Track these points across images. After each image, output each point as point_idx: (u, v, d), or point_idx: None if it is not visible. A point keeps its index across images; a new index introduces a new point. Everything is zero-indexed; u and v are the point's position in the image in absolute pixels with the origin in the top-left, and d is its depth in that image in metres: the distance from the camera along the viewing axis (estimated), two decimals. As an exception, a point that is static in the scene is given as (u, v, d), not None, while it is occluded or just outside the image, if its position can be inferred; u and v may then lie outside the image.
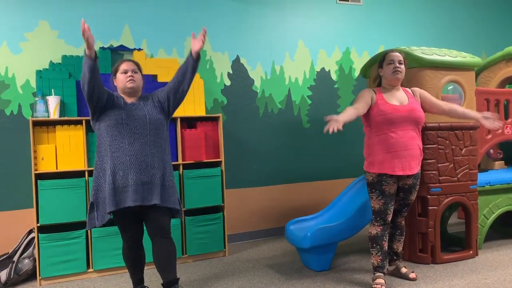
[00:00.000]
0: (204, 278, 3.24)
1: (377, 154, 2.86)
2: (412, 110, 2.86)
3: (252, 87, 4.41)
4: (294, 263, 3.54)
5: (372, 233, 2.93)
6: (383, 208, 2.88)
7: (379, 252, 2.91)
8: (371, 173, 2.90)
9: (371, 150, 2.92)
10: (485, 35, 5.66)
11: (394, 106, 2.86)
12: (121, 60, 2.69)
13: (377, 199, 2.89)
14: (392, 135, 2.82)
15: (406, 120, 2.83)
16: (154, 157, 2.54)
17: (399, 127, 2.82)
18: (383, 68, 2.94)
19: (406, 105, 2.88)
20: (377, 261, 2.92)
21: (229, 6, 4.31)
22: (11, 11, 3.56)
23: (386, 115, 2.83)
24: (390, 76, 2.90)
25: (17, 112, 3.56)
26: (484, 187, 3.61)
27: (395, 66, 2.87)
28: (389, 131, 2.83)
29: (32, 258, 3.32)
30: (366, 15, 4.96)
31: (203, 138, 3.74)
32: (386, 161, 2.83)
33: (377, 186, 2.88)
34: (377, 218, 2.92)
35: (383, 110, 2.84)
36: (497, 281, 2.94)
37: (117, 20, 3.89)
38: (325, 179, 4.72)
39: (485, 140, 3.74)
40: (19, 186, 3.55)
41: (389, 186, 2.86)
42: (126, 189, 2.46)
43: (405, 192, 2.95)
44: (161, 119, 2.62)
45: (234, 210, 4.29)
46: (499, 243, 3.87)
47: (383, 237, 2.92)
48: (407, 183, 2.91)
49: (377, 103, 2.89)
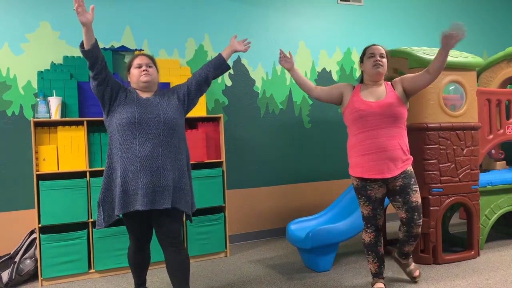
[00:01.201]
0: (205, 279, 3.24)
1: (354, 156, 2.70)
2: (386, 106, 2.62)
3: (253, 87, 4.41)
4: (296, 264, 3.54)
5: (366, 240, 2.80)
6: (372, 214, 2.75)
7: (375, 259, 2.80)
8: (354, 178, 2.74)
9: (349, 153, 2.76)
10: (487, 35, 5.65)
11: (367, 103, 2.65)
12: (134, 55, 2.56)
13: (365, 205, 2.74)
14: (366, 135, 2.62)
15: (380, 117, 2.60)
16: (167, 159, 2.38)
17: (373, 125, 2.61)
18: (364, 62, 2.75)
19: (381, 100, 2.65)
20: (375, 268, 2.83)
21: (230, 7, 4.31)
22: (12, 12, 3.56)
23: (358, 112, 2.64)
24: (371, 70, 2.68)
25: (18, 113, 3.57)
26: (485, 188, 3.60)
27: (375, 59, 2.67)
28: (362, 130, 2.64)
29: (33, 258, 3.33)
30: (367, 16, 4.96)
31: (204, 139, 3.74)
32: (362, 164, 2.65)
33: (362, 191, 2.71)
34: (368, 225, 2.78)
35: (356, 107, 2.66)
36: (499, 282, 2.93)
37: (118, 21, 3.89)
38: (326, 180, 4.72)
39: (487, 140, 3.74)
40: (21, 187, 3.56)
41: (374, 191, 2.68)
42: (135, 191, 2.33)
43: (401, 194, 2.68)
44: (177, 118, 2.45)
45: (235, 210, 4.29)
46: (501, 243, 3.86)
47: (377, 243, 2.79)
48: (396, 184, 2.67)
49: (351, 100, 2.71)
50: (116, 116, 2.38)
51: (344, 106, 2.76)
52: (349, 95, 2.75)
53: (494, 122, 3.74)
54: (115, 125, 2.37)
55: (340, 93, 2.79)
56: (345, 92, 2.78)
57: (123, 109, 2.38)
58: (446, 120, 3.34)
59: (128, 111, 2.36)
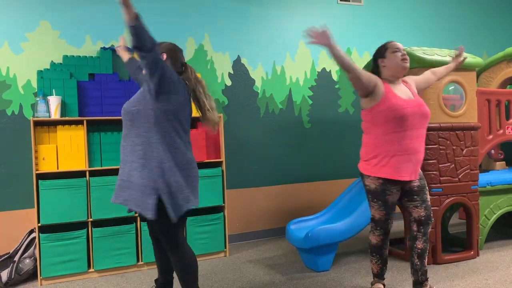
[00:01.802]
0: (205, 278, 3.24)
1: (388, 156, 2.52)
2: (421, 105, 2.56)
3: (253, 87, 4.41)
4: (295, 263, 3.54)
5: (373, 242, 2.74)
6: (384, 219, 2.67)
7: (379, 261, 2.75)
8: (375, 180, 2.57)
9: (378, 151, 2.55)
10: (487, 36, 5.65)
11: (406, 100, 2.53)
12: None
13: (379, 209, 2.64)
14: (403, 135, 2.49)
15: (417, 117, 2.52)
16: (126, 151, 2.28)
17: (411, 125, 2.50)
18: (386, 57, 2.60)
19: (414, 99, 2.58)
20: (377, 269, 2.79)
21: (230, 6, 4.31)
22: (12, 11, 3.56)
23: (400, 110, 2.47)
24: (398, 65, 2.55)
25: (18, 112, 3.57)
26: (485, 188, 3.60)
27: (402, 54, 2.57)
28: (399, 130, 2.49)
29: (33, 258, 3.33)
30: (367, 16, 4.96)
31: (204, 138, 3.74)
32: (397, 165, 2.51)
33: (380, 196, 2.59)
34: (378, 228, 2.71)
35: (396, 104, 2.48)
36: (498, 282, 2.93)
37: (118, 20, 3.88)
38: (326, 180, 4.72)
39: (486, 141, 3.74)
40: (20, 186, 3.56)
41: (392, 196, 2.60)
42: None
43: (419, 194, 2.64)
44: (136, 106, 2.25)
45: (235, 210, 4.29)
46: (500, 243, 3.86)
47: (383, 245, 2.74)
48: (414, 184, 2.63)
49: (387, 96, 2.51)
50: None
51: (376, 101, 2.52)
52: (382, 90, 2.53)
53: (494, 122, 3.75)
54: None
55: (375, 84, 2.53)
56: (379, 84, 2.54)
57: None
58: (445, 120, 3.34)
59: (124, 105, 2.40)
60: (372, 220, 2.74)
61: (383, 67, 2.63)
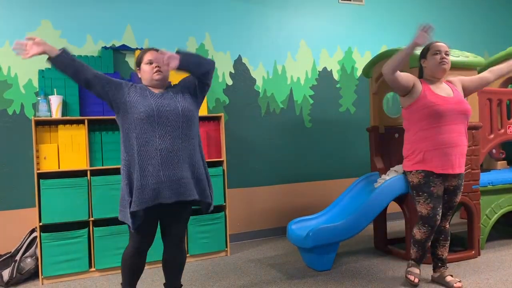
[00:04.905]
0: (206, 278, 3.25)
1: (424, 151, 2.70)
2: (460, 102, 2.70)
3: (254, 86, 4.41)
4: (296, 263, 3.54)
5: (417, 237, 2.82)
6: (432, 214, 2.72)
7: (420, 251, 2.87)
8: (417, 174, 2.74)
9: (415, 147, 2.74)
10: (488, 35, 5.65)
11: (443, 98, 2.68)
12: (144, 49, 2.45)
13: (425, 202, 2.72)
14: (440, 129, 2.65)
15: (455, 113, 2.66)
16: (186, 151, 2.35)
17: (448, 121, 2.65)
18: (427, 58, 2.77)
19: (453, 96, 2.72)
20: (417, 256, 2.89)
21: (231, 6, 4.31)
22: (13, 11, 3.57)
23: (435, 107, 2.64)
24: (437, 67, 2.72)
25: (19, 112, 3.57)
26: (486, 187, 3.60)
27: (442, 56, 2.71)
28: (437, 125, 2.65)
29: (34, 257, 3.33)
30: (368, 15, 4.95)
31: (205, 138, 3.74)
32: (434, 158, 2.67)
33: (424, 188, 2.71)
34: (425, 224, 2.76)
35: (432, 101, 2.65)
36: (499, 281, 2.93)
37: (119, 19, 3.89)
38: (327, 179, 4.72)
39: (488, 140, 3.73)
40: (22, 186, 3.56)
41: (437, 188, 2.70)
42: (156, 185, 2.24)
43: (450, 194, 2.80)
44: (193, 110, 2.41)
45: (236, 209, 4.29)
46: (502, 243, 3.86)
47: (428, 240, 2.82)
48: (452, 184, 2.77)
49: (424, 94, 2.69)
50: (131, 111, 2.29)
51: (414, 99, 2.71)
52: (420, 88, 2.71)
53: (495, 121, 3.74)
54: (131, 120, 2.29)
55: (413, 84, 2.72)
56: (417, 84, 2.73)
57: (137, 103, 2.30)
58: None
59: (144, 104, 2.29)
60: (420, 217, 2.80)
61: (424, 67, 2.82)
